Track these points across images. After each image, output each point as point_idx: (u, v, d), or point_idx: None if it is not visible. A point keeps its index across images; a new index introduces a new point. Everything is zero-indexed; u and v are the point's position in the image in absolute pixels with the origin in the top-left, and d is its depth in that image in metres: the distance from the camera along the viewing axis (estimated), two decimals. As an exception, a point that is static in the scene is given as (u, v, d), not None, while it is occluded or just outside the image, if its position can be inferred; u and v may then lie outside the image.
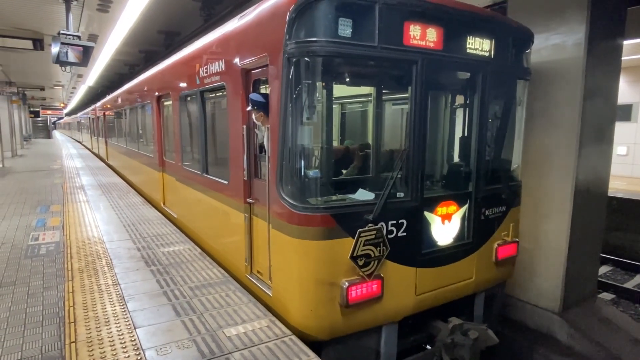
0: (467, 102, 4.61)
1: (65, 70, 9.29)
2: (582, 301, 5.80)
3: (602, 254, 7.49)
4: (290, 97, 3.34)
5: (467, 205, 4.23)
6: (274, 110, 3.53)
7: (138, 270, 4.69)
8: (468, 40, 3.90)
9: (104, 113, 16.87)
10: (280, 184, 3.51)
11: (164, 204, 8.03)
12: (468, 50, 3.92)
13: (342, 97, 6.69)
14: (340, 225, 3.39)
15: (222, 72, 4.71)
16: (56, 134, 61.04)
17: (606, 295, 8.43)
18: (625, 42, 5.82)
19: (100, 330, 3.34)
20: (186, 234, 6.39)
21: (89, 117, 24.44)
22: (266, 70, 3.77)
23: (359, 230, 3.39)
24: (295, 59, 3.28)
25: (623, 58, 5.78)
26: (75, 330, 3.36)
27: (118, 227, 6.63)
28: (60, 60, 7.63)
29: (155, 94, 8.00)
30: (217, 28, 5.14)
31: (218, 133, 5.44)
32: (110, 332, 3.31)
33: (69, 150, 25.52)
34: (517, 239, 4.77)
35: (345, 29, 3.23)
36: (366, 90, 5.64)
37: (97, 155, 21.09)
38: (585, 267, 5.82)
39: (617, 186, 12.26)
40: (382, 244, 3.53)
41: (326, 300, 3.43)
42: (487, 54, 4.08)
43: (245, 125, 4.20)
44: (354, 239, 3.39)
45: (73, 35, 7.63)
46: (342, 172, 5.22)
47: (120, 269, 4.72)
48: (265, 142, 3.95)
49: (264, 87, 4.19)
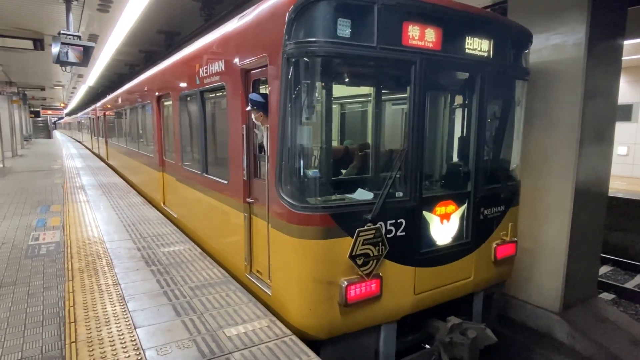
0: (466, 102, 4.62)
1: (66, 70, 9.30)
2: (582, 301, 5.80)
3: (602, 254, 7.49)
4: (290, 97, 3.35)
5: (465, 205, 4.24)
6: (274, 110, 3.54)
7: (138, 270, 4.70)
8: (467, 41, 3.91)
9: (104, 113, 16.89)
10: (279, 184, 3.52)
11: (164, 203, 8.04)
12: (467, 51, 3.93)
13: (342, 97, 6.70)
14: (339, 224, 3.40)
15: (221, 72, 4.72)
16: (56, 134, 61.06)
17: (606, 295, 8.41)
18: (626, 42, 5.81)
19: (100, 330, 3.35)
20: (186, 233, 6.39)
21: (89, 117, 24.46)
22: (266, 71, 3.78)
23: (357, 229, 3.40)
24: (294, 59, 3.29)
25: (623, 58, 5.78)
26: (76, 330, 3.36)
27: (118, 227, 6.64)
28: (60, 60, 7.65)
29: (156, 94, 8.01)
30: (217, 28, 5.15)
31: (218, 133, 5.45)
32: (111, 332, 3.32)
33: (69, 150, 25.53)
34: (515, 239, 4.77)
35: (344, 29, 3.24)
36: (365, 90, 5.65)
37: (98, 155, 21.10)
38: (586, 267, 5.82)
39: (617, 186, 12.26)
40: (380, 243, 3.54)
41: (325, 300, 3.44)
42: (485, 55, 4.09)
43: (244, 125, 4.21)
44: (352, 238, 3.40)
45: (73, 35, 7.65)
46: (341, 172, 5.23)
47: (120, 269, 4.73)
48: (265, 142, 3.95)
49: (264, 87, 4.20)
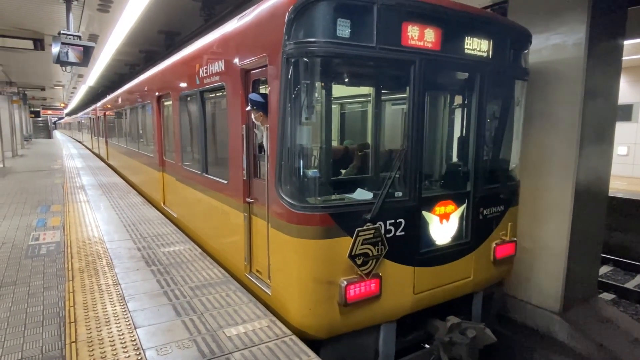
0: (465, 102, 4.62)
1: (66, 70, 9.31)
2: (582, 301, 5.79)
3: (602, 254, 7.48)
4: (289, 97, 3.36)
5: (465, 205, 4.24)
6: (273, 110, 3.54)
7: (138, 270, 4.71)
8: (466, 41, 3.92)
9: (105, 113, 16.90)
10: (279, 184, 3.53)
11: (164, 203, 8.05)
12: (466, 51, 3.94)
13: (341, 97, 6.70)
14: (339, 224, 3.41)
15: (221, 72, 4.73)
16: (57, 134, 61.06)
17: (607, 296, 8.41)
18: (626, 42, 5.80)
19: (100, 330, 3.35)
20: (186, 233, 6.40)
21: (90, 117, 24.47)
22: (265, 71, 3.78)
23: (357, 229, 3.41)
24: (294, 60, 3.30)
25: (623, 58, 5.77)
26: (76, 330, 3.36)
27: (118, 227, 6.64)
28: (60, 60, 7.66)
29: (156, 94, 8.01)
30: (217, 28, 5.16)
31: (218, 133, 5.45)
32: (111, 332, 3.32)
33: (69, 150, 25.54)
34: (515, 239, 4.78)
35: (343, 29, 3.25)
36: (365, 90, 5.66)
37: (98, 155, 21.11)
38: (586, 267, 5.81)
39: (617, 186, 12.26)
40: (380, 243, 3.55)
41: (325, 299, 3.45)
42: (485, 55, 4.09)
43: (244, 125, 4.21)
44: (352, 238, 3.40)
45: (73, 35, 7.66)
46: (341, 171, 5.23)
47: (120, 269, 4.73)
48: (265, 142, 3.96)
49: (263, 87, 4.20)
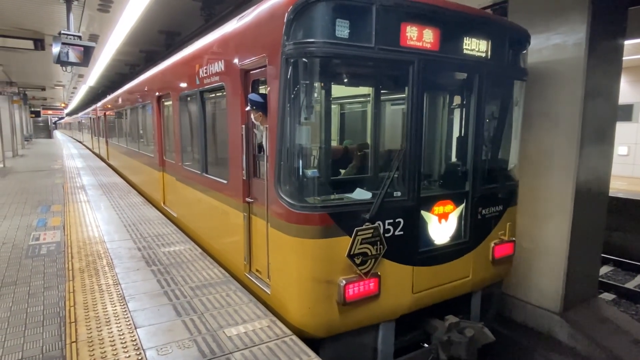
0: (464, 103, 4.63)
1: (66, 70, 9.34)
2: (582, 301, 5.78)
3: (602, 254, 7.48)
4: (289, 97, 3.37)
5: (464, 205, 4.25)
6: (273, 110, 3.55)
7: (139, 270, 4.72)
8: (464, 41, 3.93)
9: (105, 113, 16.91)
10: (278, 184, 3.54)
11: (164, 203, 8.06)
12: (464, 51, 3.95)
13: (340, 98, 6.71)
14: (338, 224, 3.42)
15: (221, 72, 4.74)
16: (57, 134, 61.06)
17: (607, 296, 8.42)
18: (626, 42, 5.79)
19: (101, 330, 3.36)
20: (186, 233, 6.41)
21: (90, 117, 24.48)
22: (265, 71, 3.80)
23: (356, 229, 3.42)
24: (293, 60, 3.31)
25: (624, 58, 5.76)
26: (76, 330, 3.37)
27: (119, 227, 6.65)
28: (61, 60, 7.68)
29: (156, 94, 8.02)
30: (217, 29, 5.17)
31: (217, 133, 5.46)
32: (111, 332, 3.33)
33: (69, 150, 25.56)
34: (513, 238, 4.79)
35: (342, 30, 3.26)
36: (364, 90, 5.67)
37: (98, 155, 21.13)
38: (586, 267, 5.81)
39: (617, 186, 12.26)
40: (379, 242, 3.56)
41: (324, 298, 3.46)
42: (483, 55, 4.10)
43: (244, 125, 4.22)
44: (351, 237, 3.41)
45: (74, 35, 7.68)
46: (340, 171, 5.24)
47: (120, 269, 4.74)
48: (264, 142, 3.97)
49: (263, 88, 4.22)
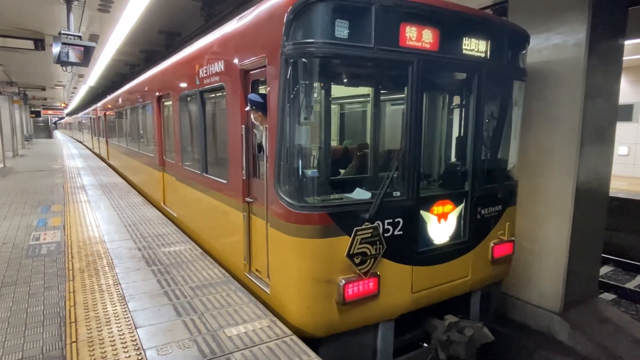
0: (463, 103, 4.63)
1: (66, 71, 9.35)
2: (583, 301, 5.78)
3: (603, 254, 7.49)
4: (288, 97, 3.38)
5: (463, 205, 4.26)
6: (272, 110, 3.56)
7: (139, 270, 4.72)
8: (464, 42, 3.93)
9: (105, 113, 16.92)
10: (278, 184, 3.55)
11: (164, 203, 8.07)
12: (464, 51, 3.95)
13: (340, 98, 6.72)
14: (337, 223, 3.43)
15: (221, 72, 4.75)
16: (57, 134, 61.06)
17: (607, 296, 8.41)
18: (626, 42, 5.79)
19: (101, 330, 3.37)
20: (186, 233, 6.42)
21: (90, 117, 24.49)
22: (264, 71, 3.80)
23: (355, 228, 3.43)
24: (292, 60, 3.32)
25: (624, 58, 5.76)
26: (76, 330, 3.38)
27: (119, 227, 6.66)
28: (61, 60, 7.68)
29: (156, 94, 8.03)
30: (217, 29, 5.18)
31: (217, 133, 5.47)
32: (111, 332, 3.34)
33: (69, 150, 25.57)
34: (513, 238, 4.79)
35: (342, 30, 3.27)
36: (363, 90, 5.67)
37: (98, 155, 21.14)
38: (586, 267, 5.80)
39: (618, 186, 12.26)
40: (378, 242, 3.57)
41: (323, 298, 3.47)
42: (483, 55, 4.11)
43: (244, 125, 4.23)
44: (350, 237, 3.42)
45: (74, 36, 7.68)
46: (339, 171, 5.25)
47: (121, 269, 4.75)
48: (264, 142, 3.98)
49: (263, 88, 4.22)
